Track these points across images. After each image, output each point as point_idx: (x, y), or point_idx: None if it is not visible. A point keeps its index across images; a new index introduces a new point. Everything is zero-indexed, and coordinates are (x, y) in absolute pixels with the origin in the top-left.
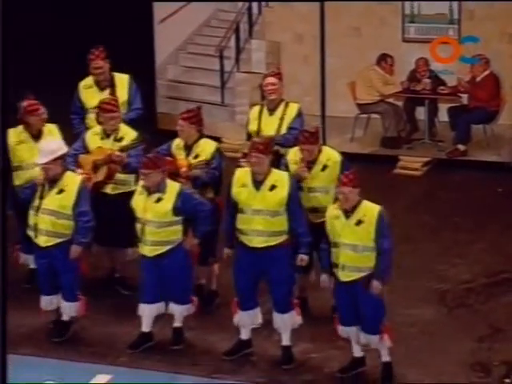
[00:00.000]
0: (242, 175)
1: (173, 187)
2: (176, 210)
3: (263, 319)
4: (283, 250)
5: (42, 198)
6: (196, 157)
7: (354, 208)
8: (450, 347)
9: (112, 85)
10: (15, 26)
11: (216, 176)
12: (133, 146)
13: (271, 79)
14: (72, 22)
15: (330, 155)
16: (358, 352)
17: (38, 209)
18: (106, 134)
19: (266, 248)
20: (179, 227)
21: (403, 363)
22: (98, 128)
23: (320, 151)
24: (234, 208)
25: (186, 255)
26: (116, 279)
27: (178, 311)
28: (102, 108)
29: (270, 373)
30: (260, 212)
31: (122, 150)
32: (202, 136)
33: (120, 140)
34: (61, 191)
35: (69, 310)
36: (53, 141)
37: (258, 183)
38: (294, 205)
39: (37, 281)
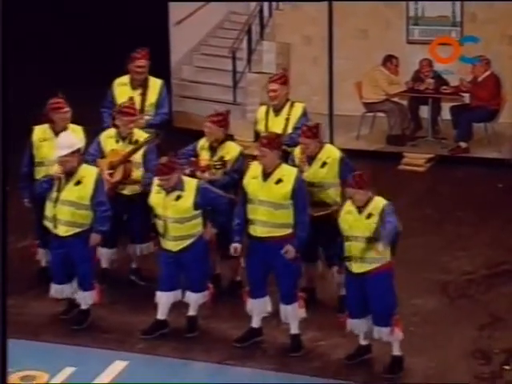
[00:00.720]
0: (254, 167)
1: (191, 184)
2: (196, 205)
3: (273, 309)
4: (288, 243)
5: (59, 190)
6: (220, 158)
7: (366, 204)
8: (451, 336)
9: (145, 86)
10: (31, 25)
11: (236, 179)
12: (146, 142)
13: (273, 85)
14: (90, 24)
15: (330, 153)
16: (364, 340)
17: (56, 200)
18: (121, 137)
19: (270, 239)
20: (199, 220)
21: (406, 351)
22: (112, 131)
23: (321, 148)
24: (244, 198)
25: (206, 246)
26: (132, 270)
27: (194, 299)
28: (122, 112)
29: (280, 359)
30: (264, 203)
31: (136, 148)
32: (227, 138)
33: (135, 142)
34: (78, 183)
35: (85, 298)
36: (69, 135)
37: (266, 175)
38: (299, 200)
39: (49, 270)
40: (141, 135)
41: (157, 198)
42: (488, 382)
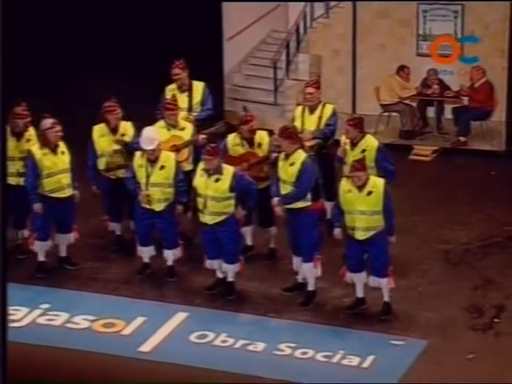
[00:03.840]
0: (282, 153)
1: (229, 170)
2: (231, 188)
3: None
4: (306, 214)
5: (148, 176)
6: (259, 145)
7: (365, 183)
8: (451, 295)
9: (190, 89)
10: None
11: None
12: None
13: (309, 89)
14: (161, 38)
15: (369, 142)
16: (360, 294)
17: (147, 185)
18: (172, 126)
19: (290, 210)
20: (232, 201)
21: (414, 307)
22: (162, 122)
23: (362, 137)
24: (276, 178)
25: (236, 223)
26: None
27: (230, 269)
28: (167, 107)
29: (312, 312)
30: (284, 181)
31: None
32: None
33: (183, 129)
34: (162, 167)
35: (172, 255)
36: (150, 131)
37: (285, 159)
38: (301, 180)
39: (138, 238)
40: (185, 124)
41: (200, 180)
42: (481, 333)
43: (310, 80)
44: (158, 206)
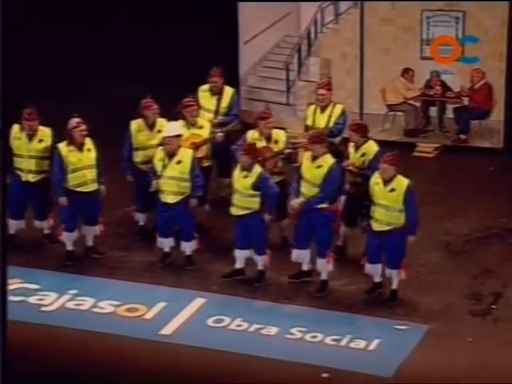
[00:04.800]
0: (307, 154)
1: (257, 169)
2: (254, 186)
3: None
4: (322, 213)
5: (164, 167)
6: (276, 142)
7: (391, 179)
8: (451, 282)
9: (220, 93)
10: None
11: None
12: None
13: (321, 91)
14: (183, 43)
15: (370, 147)
16: (378, 279)
17: (162, 177)
18: (191, 124)
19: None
20: (257, 199)
21: (417, 294)
22: (181, 122)
23: (365, 142)
24: (298, 175)
25: (262, 220)
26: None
27: (258, 260)
28: (187, 105)
29: (322, 298)
30: (308, 181)
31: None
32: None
33: (201, 127)
34: (179, 162)
35: (189, 247)
36: (175, 124)
37: (313, 160)
38: (327, 182)
39: (157, 229)
40: (203, 123)
41: (235, 173)
42: (479, 318)
43: (322, 82)
44: (171, 199)
